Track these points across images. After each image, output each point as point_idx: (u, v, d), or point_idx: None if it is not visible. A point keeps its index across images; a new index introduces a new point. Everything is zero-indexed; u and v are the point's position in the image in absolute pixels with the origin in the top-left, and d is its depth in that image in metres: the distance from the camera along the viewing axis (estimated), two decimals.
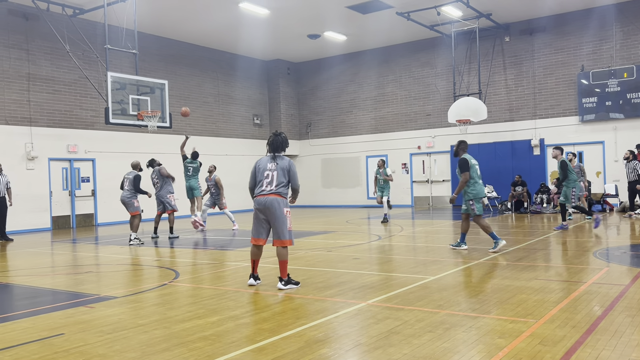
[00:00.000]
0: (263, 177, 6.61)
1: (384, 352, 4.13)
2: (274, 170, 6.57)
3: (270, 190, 6.53)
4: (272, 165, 6.60)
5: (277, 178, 6.55)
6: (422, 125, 22.43)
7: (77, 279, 8.11)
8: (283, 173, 6.58)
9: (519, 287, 6.27)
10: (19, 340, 4.76)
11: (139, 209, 12.49)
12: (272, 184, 6.54)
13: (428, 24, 19.78)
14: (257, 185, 6.66)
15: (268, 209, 6.52)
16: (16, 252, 11.63)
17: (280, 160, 6.63)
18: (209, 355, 4.18)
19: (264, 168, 6.63)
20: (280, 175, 6.56)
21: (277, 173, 6.56)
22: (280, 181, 6.55)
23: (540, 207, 17.74)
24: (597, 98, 18.65)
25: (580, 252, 9.14)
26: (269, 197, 6.51)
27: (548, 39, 19.70)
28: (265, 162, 6.66)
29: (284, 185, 6.59)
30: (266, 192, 6.54)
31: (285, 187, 6.61)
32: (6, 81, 16.20)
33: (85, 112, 18.13)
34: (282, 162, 6.61)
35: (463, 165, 9.09)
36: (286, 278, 6.63)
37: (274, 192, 6.53)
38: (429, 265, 8.06)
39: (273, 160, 6.64)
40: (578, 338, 4.30)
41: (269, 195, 6.53)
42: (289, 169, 6.60)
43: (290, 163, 6.67)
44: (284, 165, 6.60)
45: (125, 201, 12.38)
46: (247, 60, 24.12)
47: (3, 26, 16.17)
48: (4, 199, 14.04)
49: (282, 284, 6.60)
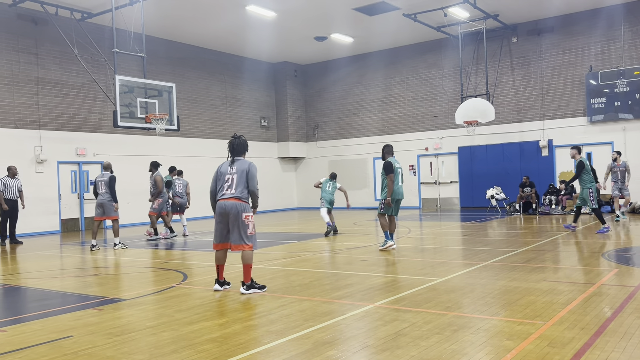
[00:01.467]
0: (224, 181, 6.59)
1: (391, 354, 4.12)
2: (234, 173, 6.55)
3: (230, 194, 6.50)
4: (231, 169, 6.59)
5: (237, 182, 6.51)
6: (430, 127, 22.38)
7: (86, 281, 8.15)
8: (242, 176, 6.53)
9: (528, 288, 6.24)
10: (29, 342, 4.79)
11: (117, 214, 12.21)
12: (232, 187, 6.52)
13: (435, 25, 19.75)
14: (218, 189, 6.64)
15: (228, 214, 6.49)
16: (26, 254, 11.71)
17: (240, 163, 6.60)
18: (217, 357, 4.19)
19: (225, 172, 6.62)
20: (239, 179, 6.52)
21: (237, 176, 6.53)
22: (239, 185, 6.51)
23: (548, 208, 17.66)
24: (606, 98, 18.54)
25: (590, 253, 9.09)
26: (228, 202, 6.49)
27: (556, 40, 19.61)
28: (226, 167, 6.65)
29: (244, 189, 6.53)
30: (226, 196, 6.52)
31: (246, 190, 6.56)
32: (16, 85, 16.33)
33: (93, 115, 18.24)
34: (241, 165, 6.58)
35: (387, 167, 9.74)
36: (249, 282, 6.58)
37: (234, 196, 6.49)
38: (436, 267, 8.04)
39: (232, 164, 6.62)
40: (587, 340, 4.28)
41: (229, 199, 6.50)
42: (247, 170, 6.54)
43: (250, 165, 6.60)
44: (243, 167, 6.55)
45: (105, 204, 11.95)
46: (254, 63, 24.18)
47: (13, 30, 16.31)
48: (16, 203, 14.17)
49: (244, 288, 6.53)
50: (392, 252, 9.88)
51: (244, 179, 6.53)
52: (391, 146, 10.30)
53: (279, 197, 24.80)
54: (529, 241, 10.67)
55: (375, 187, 23.72)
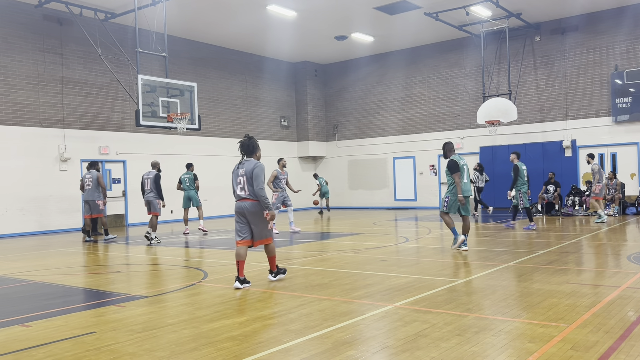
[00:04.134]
0: (236, 182, 6.84)
1: (411, 355, 4.10)
2: (243, 175, 6.76)
3: (244, 195, 6.76)
4: (241, 171, 6.79)
5: (247, 183, 6.72)
6: (451, 127, 22.21)
7: (108, 278, 8.26)
8: (250, 177, 6.70)
9: (550, 290, 6.15)
10: (53, 337, 4.87)
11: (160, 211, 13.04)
12: (244, 189, 6.76)
13: (457, 24, 19.58)
14: (235, 190, 6.89)
15: (245, 214, 6.76)
16: (50, 251, 11.91)
17: (247, 164, 6.75)
18: (237, 355, 4.21)
19: (237, 174, 6.85)
20: (248, 180, 6.71)
21: (246, 178, 6.73)
22: (250, 186, 6.71)
23: (572, 209, 17.39)
24: (632, 98, 18.19)
25: (614, 255, 8.93)
26: (244, 203, 6.75)
27: (580, 38, 19.31)
28: (237, 169, 6.87)
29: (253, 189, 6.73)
30: (241, 197, 6.78)
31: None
32: (41, 85, 16.61)
33: (116, 114, 18.47)
34: (248, 166, 6.73)
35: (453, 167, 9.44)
36: (275, 270, 7.21)
37: (248, 196, 6.74)
38: (456, 268, 7.97)
39: (241, 165, 6.82)
40: (611, 344, 4.20)
41: (243, 200, 6.76)
42: (251, 173, 6.66)
43: (256, 165, 6.69)
44: (249, 168, 6.70)
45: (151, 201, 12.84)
46: (274, 63, 24.25)
47: (38, 31, 16.59)
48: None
49: (272, 276, 7.20)
50: (412, 253, 9.83)
51: (251, 179, 6.68)
52: (452, 143, 9.80)
53: (298, 197, 24.81)
54: (551, 243, 10.52)
55: (395, 187, 23.62)
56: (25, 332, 5.12)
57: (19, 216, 15.99)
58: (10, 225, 15.79)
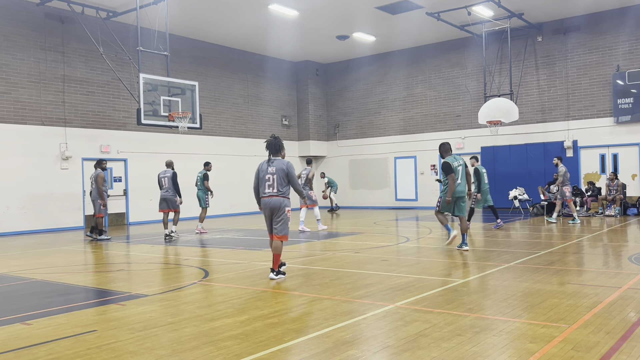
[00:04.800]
0: (264, 180, 7.24)
1: (412, 354, 4.10)
2: (274, 173, 7.20)
3: (271, 192, 7.20)
4: (270, 169, 7.22)
5: (277, 181, 7.19)
6: (452, 127, 22.20)
7: (109, 276, 8.27)
8: (281, 176, 7.18)
9: (551, 291, 6.15)
10: (54, 335, 4.87)
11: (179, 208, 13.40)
12: (273, 187, 7.20)
13: (458, 24, 19.57)
14: (260, 188, 7.29)
15: (271, 209, 7.22)
16: (51, 249, 11.92)
17: (277, 162, 7.22)
18: (238, 354, 4.21)
19: (265, 171, 7.26)
20: (279, 179, 7.19)
21: (277, 176, 7.19)
22: (280, 184, 7.19)
23: None
24: (633, 99, 18.18)
25: (615, 256, 8.93)
26: (271, 199, 7.20)
27: (582, 39, 19.29)
28: (265, 166, 7.29)
29: (284, 186, 7.22)
30: (268, 194, 7.22)
31: (286, 188, 7.25)
32: (42, 83, 16.62)
33: (117, 113, 18.48)
34: (279, 165, 7.21)
35: (447, 168, 9.49)
36: (277, 269, 7.36)
37: (275, 194, 7.19)
38: (458, 268, 7.97)
39: (270, 163, 7.25)
40: (613, 344, 4.20)
41: (271, 197, 7.20)
42: (287, 172, 7.20)
43: (288, 166, 7.22)
44: (282, 168, 7.19)
45: (169, 198, 13.21)
46: (276, 62, 24.25)
47: (40, 29, 16.60)
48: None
49: (274, 274, 7.32)
50: (412, 253, 9.83)
51: (284, 178, 7.18)
52: (448, 144, 9.87)
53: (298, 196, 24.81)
54: (552, 243, 10.52)
55: (396, 186, 23.62)
56: (26, 330, 5.13)
57: (20, 214, 16.00)
58: (11, 223, 15.80)
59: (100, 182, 13.40)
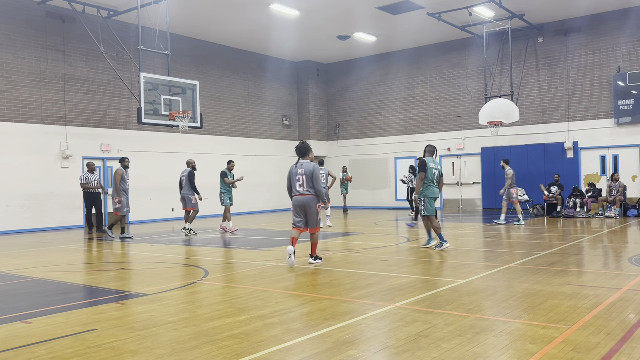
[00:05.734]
0: (295, 180, 8.28)
1: (412, 355, 4.10)
2: (303, 174, 8.25)
3: (302, 191, 8.25)
4: (300, 171, 8.27)
5: (306, 181, 8.23)
6: (452, 127, 22.20)
7: (109, 275, 8.26)
8: (309, 177, 8.20)
9: (551, 292, 6.15)
10: (53, 334, 4.87)
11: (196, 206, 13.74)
12: (303, 186, 8.25)
13: (459, 25, 19.57)
14: (292, 187, 8.31)
15: (303, 206, 8.26)
16: (51, 248, 11.92)
17: (306, 165, 8.26)
18: (237, 353, 4.21)
19: (295, 173, 8.30)
20: (308, 179, 8.22)
21: (306, 177, 8.23)
22: (308, 184, 8.22)
23: (573, 211, 17.37)
24: (634, 100, 18.18)
25: (615, 257, 8.92)
26: (302, 197, 8.25)
27: (583, 40, 19.29)
28: (296, 168, 8.32)
29: (312, 186, 8.22)
30: (300, 192, 8.26)
31: (313, 188, 8.24)
32: (43, 81, 16.62)
33: (118, 112, 18.48)
34: (307, 167, 8.24)
35: (420, 165, 9.84)
36: (315, 255, 8.50)
37: (306, 192, 8.24)
38: (458, 268, 7.97)
39: (299, 166, 8.29)
40: (613, 346, 4.20)
41: (302, 195, 8.25)
42: (312, 174, 8.19)
43: (315, 168, 8.21)
44: (309, 170, 8.22)
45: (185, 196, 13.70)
46: (276, 62, 24.25)
47: (41, 28, 16.60)
48: (97, 195, 15.00)
49: (312, 259, 8.49)
50: (413, 253, 9.83)
51: (310, 179, 8.19)
52: (433, 146, 10.14)
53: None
54: (552, 244, 10.51)
55: (396, 187, 23.61)
56: (26, 328, 5.12)
57: (20, 213, 16.00)
58: (11, 222, 15.80)
59: (117, 178, 13.24)
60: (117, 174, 13.30)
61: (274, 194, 22.60)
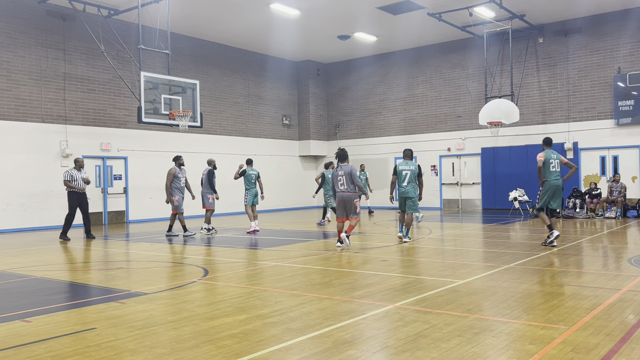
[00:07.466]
0: (337, 181, 10.30)
1: (411, 355, 4.10)
2: (343, 175, 10.22)
3: (344, 189, 10.22)
4: (340, 172, 10.25)
5: (346, 181, 10.20)
6: (453, 127, 22.20)
7: (109, 274, 8.26)
8: (348, 177, 10.16)
9: (551, 292, 6.15)
10: (53, 333, 4.87)
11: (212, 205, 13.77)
12: (344, 185, 10.20)
13: (460, 25, 19.57)
14: (336, 186, 10.31)
15: (345, 201, 10.20)
16: (50, 247, 11.92)
17: (345, 167, 10.23)
18: (237, 353, 4.21)
19: (337, 175, 10.30)
20: (347, 179, 10.19)
21: (345, 177, 10.19)
22: (348, 183, 10.18)
23: (572, 212, 17.38)
24: (634, 101, 18.18)
25: (615, 258, 8.92)
26: (344, 194, 10.22)
27: (583, 41, 19.29)
28: (336, 171, 10.32)
29: (351, 184, 10.16)
30: (342, 190, 10.24)
31: (352, 185, 10.16)
32: (43, 80, 16.62)
33: (118, 111, 18.48)
34: (346, 169, 10.21)
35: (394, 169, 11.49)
36: (349, 234, 10.40)
37: (346, 190, 10.20)
38: (457, 268, 7.97)
39: (339, 169, 10.27)
40: (612, 346, 4.20)
41: (344, 192, 10.21)
42: (350, 173, 10.15)
43: (352, 168, 10.15)
44: (347, 171, 10.20)
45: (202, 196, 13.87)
46: (277, 61, 24.25)
47: (41, 27, 16.60)
48: (84, 195, 13.17)
49: (346, 236, 10.31)
50: (412, 253, 9.84)
51: (350, 178, 10.13)
52: (407, 149, 11.69)
53: (299, 195, 24.85)
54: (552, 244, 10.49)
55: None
56: (25, 327, 5.12)
57: (20, 211, 16.01)
58: (11, 221, 15.81)
59: (169, 178, 13.06)
60: (168, 174, 13.12)
61: (274, 193, 22.58)
